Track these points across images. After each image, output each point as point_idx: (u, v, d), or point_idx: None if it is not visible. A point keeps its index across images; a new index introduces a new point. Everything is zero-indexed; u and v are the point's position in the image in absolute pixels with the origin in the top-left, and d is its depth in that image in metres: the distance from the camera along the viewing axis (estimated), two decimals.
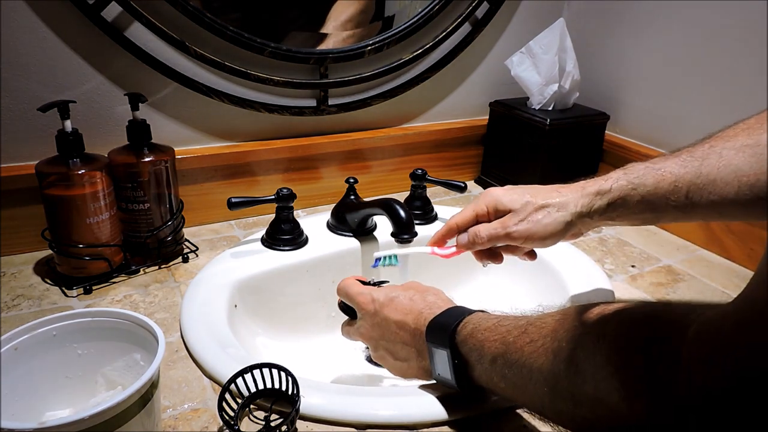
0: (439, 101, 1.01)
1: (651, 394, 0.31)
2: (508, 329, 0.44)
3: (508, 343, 0.43)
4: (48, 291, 0.67)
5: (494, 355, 0.44)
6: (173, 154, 0.72)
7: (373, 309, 0.56)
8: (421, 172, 0.84)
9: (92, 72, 0.73)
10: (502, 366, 0.43)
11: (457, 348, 0.47)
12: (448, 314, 0.50)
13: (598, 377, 0.35)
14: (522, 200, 0.56)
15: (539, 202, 0.55)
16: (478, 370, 0.46)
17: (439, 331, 0.49)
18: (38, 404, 0.45)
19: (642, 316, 0.36)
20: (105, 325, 0.46)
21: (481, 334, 0.46)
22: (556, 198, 0.55)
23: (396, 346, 0.54)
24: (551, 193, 0.56)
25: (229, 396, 0.48)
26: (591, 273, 0.73)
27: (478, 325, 0.47)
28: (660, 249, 0.83)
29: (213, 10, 0.76)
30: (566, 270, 0.73)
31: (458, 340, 0.47)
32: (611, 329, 0.36)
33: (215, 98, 0.81)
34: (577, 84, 0.94)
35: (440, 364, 0.49)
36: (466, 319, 0.48)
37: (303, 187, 0.87)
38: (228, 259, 0.71)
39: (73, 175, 0.63)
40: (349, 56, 0.87)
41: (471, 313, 0.49)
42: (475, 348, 0.46)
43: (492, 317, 0.47)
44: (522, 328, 0.43)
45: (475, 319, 0.48)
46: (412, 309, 0.53)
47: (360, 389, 0.54)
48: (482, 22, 0.96)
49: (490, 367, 0.45)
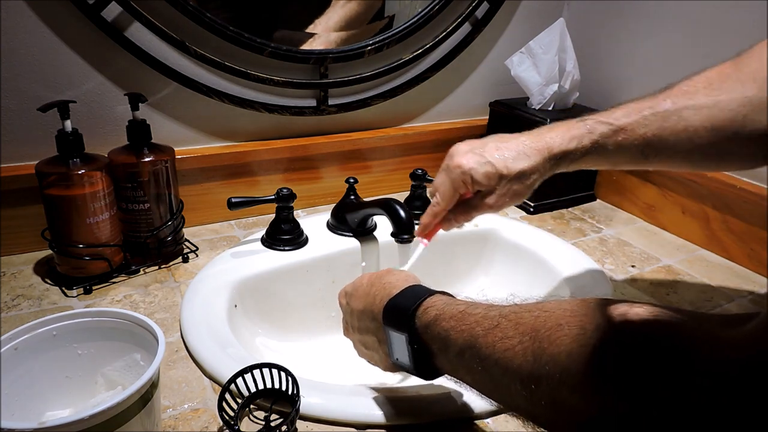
0: (439, 101, 1.01)
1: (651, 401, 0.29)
2: (476, 320, 0.41)
3: (477, 336, 0.40)
4: (48, 291, 0.67)
5: (461, 347, 0.41)
6: (173, 154, 0.72)
7: (345, 302, 0.56)
8: (421, 172, 0.84)
9: (92, 72, 0.73)
10: (470, 360, 0.40)
11: (417, 332, 0.44)
12: (404, 295, 0.47)
13: (584, 386, 0.32)
14: (496, 174, 0.56)
15: (512, 173, 0.56)
16: (442, 360, 0.43)
17: (395, 314, 0.46)
18: (38, 404, 0.45)
19: (636, 317, 0.34)
20: (105, 325, 0.47)
21: (446, 322, 0.42)
22: (526, 163, 0.56)
23: (364, 336, 0.53)
24: (519, 158, 0.57)
25: (229, 396, 0.48)
26: (591, 273, 0.73)
27: (443, 311, 0.43)
28: (660, 249, 0.83)
29: (210, 8, 0.76)
30: (566, 270, 0.73)
31: (418, 325, 0.44)
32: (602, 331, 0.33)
33: (215, 98, 0.81)
34: (577, 84, 0.94)
35: (398, 348, 0.46)
36: (426, 301, 0.45)
37: (303, 187, 0.87)
38: (228, 259, 0.71)
39: (73, 175, 0.63)
40: (349, 56, 0.87)
41: (431, 294, 0.46)
42: (439, 337, 0.42)
43: (458, 303, 0.44)
44: (493, 321, 0.40)
45: (439, 304, 0.44)
46: (369, 293, 0.51)
47: (360, 389, 0.54)
48: (482, 22, 0.96)
49: (455, 359, 0.42)
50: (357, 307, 0.53)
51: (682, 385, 0.28)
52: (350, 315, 0.55)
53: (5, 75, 0.69)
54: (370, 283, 0.53)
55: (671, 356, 0.29)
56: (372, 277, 0.54)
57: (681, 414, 0.28)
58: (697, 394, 0.27)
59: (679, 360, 0.29)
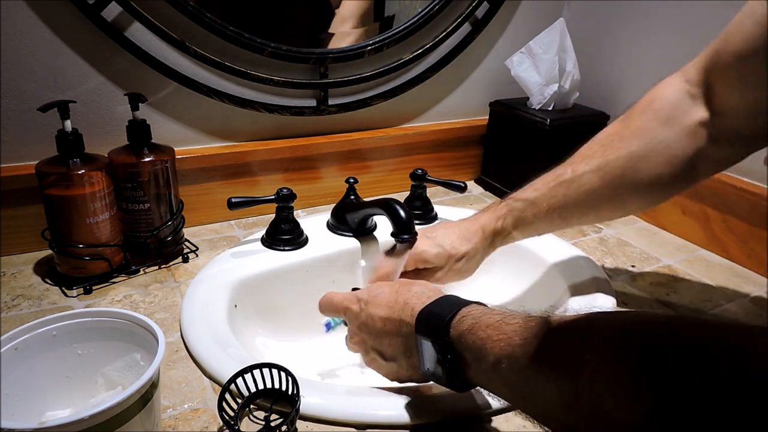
0: (439, 101, 1.01)
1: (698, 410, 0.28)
2: (514, 329, 0.40)
3: (515, 346, 0.39)
4: (48, 291, 0.67)
5: (498, 357, 0.40)
6: (173, 154, 0.72)
7: (359, 308, 0.55)
8: (421, 172, 0.84)
9: (92, 72, 0.73)
10: (507, 371, 0.39)
11: (451, 342, 0.44)
12: (440, 303, 0.47)
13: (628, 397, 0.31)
14: (445, 255, 0.64)
15: (458, 254, 0.64)
16: (475, 369, 0.43)
17: (430, 322, 0.46)
18: (38, 404, 0.45)
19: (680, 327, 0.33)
20: (105, 325, 0.46)
21: (482, 332, 0.42)
22: (468, 246, 0.64)
23: (383, 344, 0.52)
24: (462, 241, 0.65)
25: (229, 396, 0.48)
26: (591, 273, 0.73)
27: (479, 320, 0.43)
28: (660, 249, 0.83)
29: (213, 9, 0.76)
30: (566, 270, 0.73)
31: (453, 335, 0.44)
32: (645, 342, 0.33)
33: (215, 98, 0.81)
34: (577, 84, 0.94)
35: (430, 358, 0.46)
36: (462, 310, 0.45)
37: (303, 187, 0.87)
38: (228, 259, 0.71)
39: (73, 175, 0.63)
40: (349, 56, 0.87)
41: (467, 304, 0.46)
42: (475, 346, 0.42)
43: (495, 313, 0.43)
44: (531, 331, 0.39)
45: (475, 313, 0.44)
46: (397, 301, 0.51)
47: (360, 389, 0.54)
48: (482, 22, 0.96)
49: (491, 369, 0.41)
50: (379, 314, 0.52)
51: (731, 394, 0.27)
52: (368, 320, 0.53)
53: (5, 75, 0.69)
54: (395, 291, 0.53)
55: (716, 364, 0.28)
56: (396, 286, 0.54)
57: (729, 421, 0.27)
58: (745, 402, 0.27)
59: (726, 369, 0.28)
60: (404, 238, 0.65)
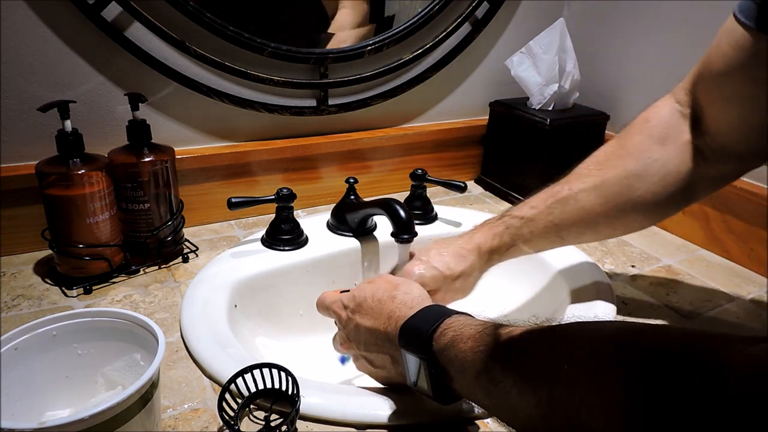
0: (439, 101, 1.01)
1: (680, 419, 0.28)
2: (494, 340, 0.41)
3: (496, 357, 0.40)
4: (48, 291, 0.67)
5: (479, 369, 0.40)
6: (173, 154, 0.72)
7: (346, 316, 0.55)
8: (421, 172, 0.84)
9: (92, 72, 0.73)
10: (487, 382, 0.40)
11: (434, 356, 0.43)
12: (422, 317, 0.47)
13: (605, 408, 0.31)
14: (441, 276, 0.62)
15: (454, 274, 0.62)
16: (459, 382, 0.43)
17: (413, 337, 0.46)
18: (38, 404, 0.45)
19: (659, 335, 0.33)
20: (105, 325, 0.46)
21: (463, 344, 0.42)
22: (464, 264, 0.63)
23: (371, 354, 0.53)
24: (457, 260, 0.62)
25: (229, 396, 0.48)
26: (591, 273, 0.73)
27: (460, 332, 0.43)
28: (660, 249, 0.83)
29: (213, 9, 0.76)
30: (566, 270, 0.73)
31: (436, 348, 0.43)
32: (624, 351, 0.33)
33: (215, 98, 0.81)
34: (577, 84, 0.94)
35: (415, 372, 0.46)
36: (444, 323, 0.44)
37: (303, 187, 0.87)
38: (228, 259, 0.71)
39: (73, 175, 0.63)
40: (349, 56, 0.87)
41: (448, 315, 0.45)
42: (457, 359, 0.42)
43: (476, 323, 0.43)
44: (511, 341, 0.40)
45: (456, 325, 0.44)
46: (382, 312, 0.51)
47: (360, 389, 0.54)
48: (482, 22, 0.96)
49: (473, 381, 0.41)
50: (365, 324, 0.52)
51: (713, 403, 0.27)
52: (355, 330, 0.54)
53: (5, 75, 0.69)
54: (378, 299, 0.52)
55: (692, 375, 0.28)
56: (380, 293, 0.53)
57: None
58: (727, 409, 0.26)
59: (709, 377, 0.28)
60: (404, 238, 0.65)
